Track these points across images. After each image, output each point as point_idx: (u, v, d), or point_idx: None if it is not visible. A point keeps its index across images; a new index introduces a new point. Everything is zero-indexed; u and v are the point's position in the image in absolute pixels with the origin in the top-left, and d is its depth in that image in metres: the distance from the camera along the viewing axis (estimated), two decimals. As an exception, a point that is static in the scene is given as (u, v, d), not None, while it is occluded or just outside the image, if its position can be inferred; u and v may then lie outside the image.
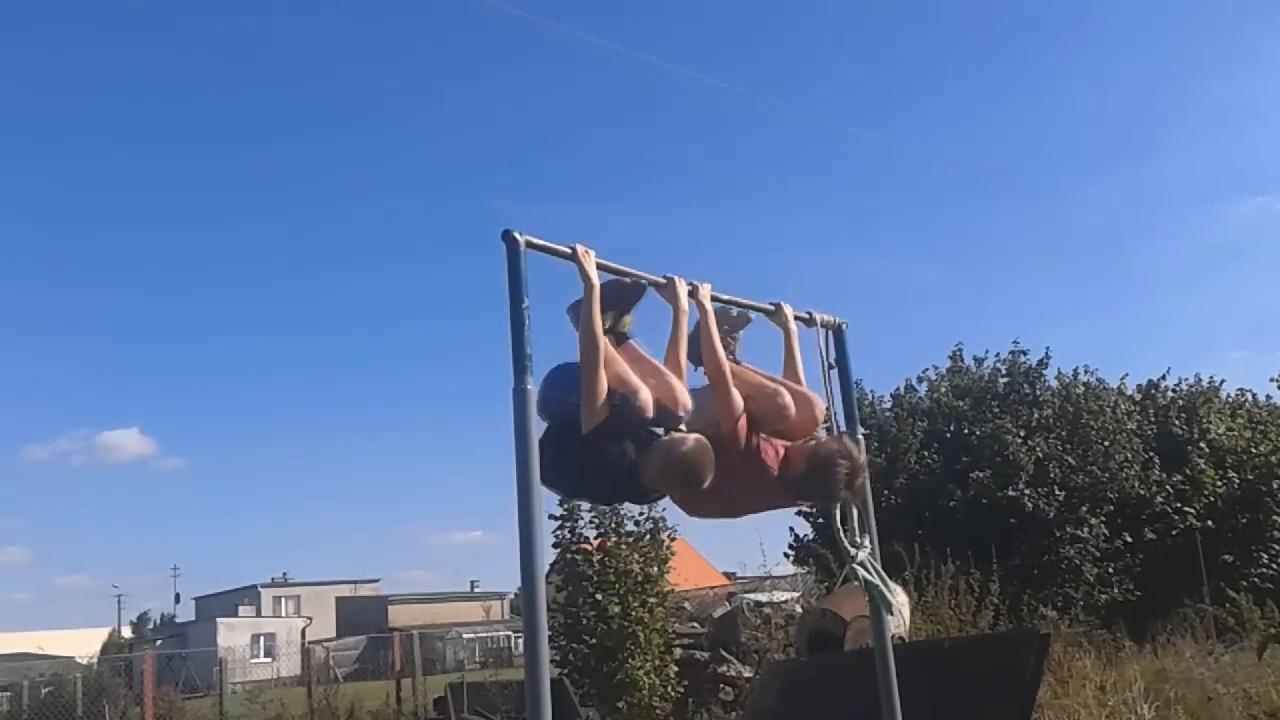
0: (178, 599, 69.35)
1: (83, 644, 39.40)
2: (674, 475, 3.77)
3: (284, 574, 64.04)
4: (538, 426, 3.60)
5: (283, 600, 60.70)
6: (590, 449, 3.71)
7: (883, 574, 4.33)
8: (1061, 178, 71.16)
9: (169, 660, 29.08)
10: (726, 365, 4.10)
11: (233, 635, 45.69)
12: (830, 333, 4.67)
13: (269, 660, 40.51)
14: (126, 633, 59.99)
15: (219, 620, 51.17)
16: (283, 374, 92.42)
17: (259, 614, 56.93)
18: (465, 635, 41.42)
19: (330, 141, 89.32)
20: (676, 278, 4.15)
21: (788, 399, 4.14)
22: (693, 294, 4.18)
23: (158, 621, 67.52)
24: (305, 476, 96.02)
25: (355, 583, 62.29)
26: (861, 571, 4.16)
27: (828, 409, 4.57)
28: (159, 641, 52.07)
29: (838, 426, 4.62)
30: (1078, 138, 75.29)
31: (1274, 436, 19.23)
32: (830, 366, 4.62)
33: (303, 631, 45.37)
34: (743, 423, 4.00)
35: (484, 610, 35.70)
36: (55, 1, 78.08)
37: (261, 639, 47.37)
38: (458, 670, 29.86)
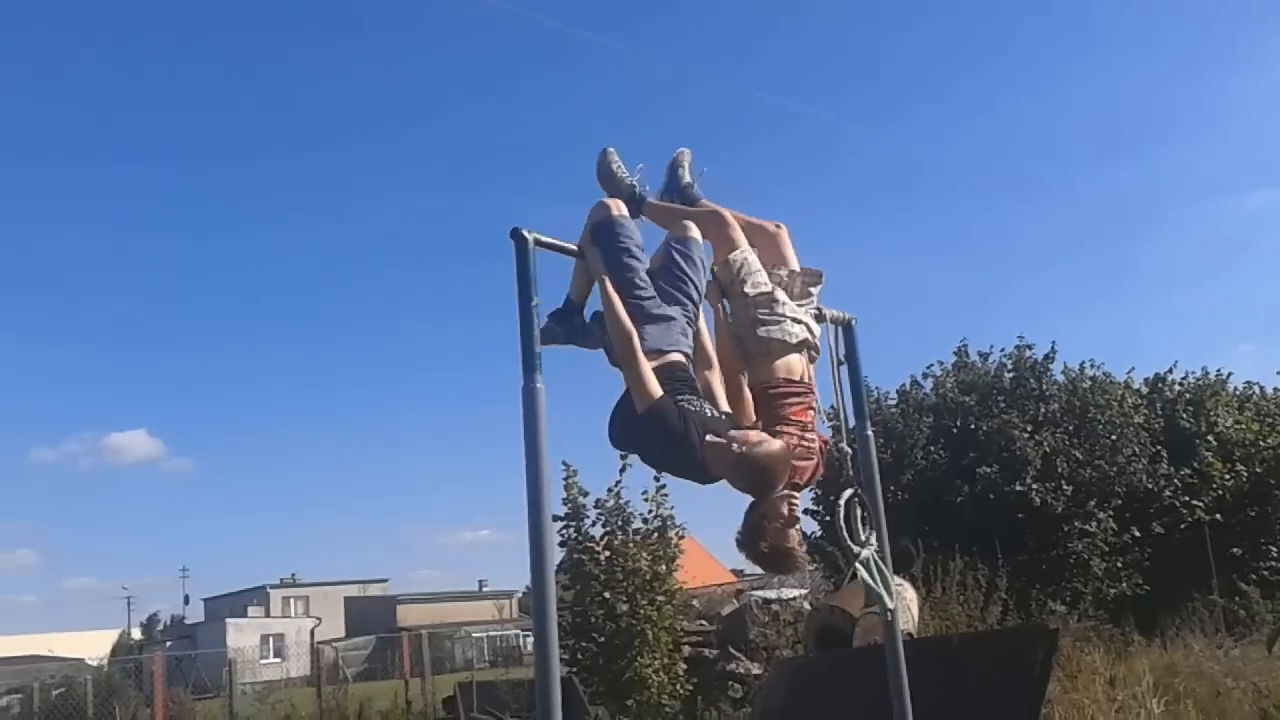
0: (187, 600, 69.46)
1: (92, 646, 39.56)
2: (747, 473, 3.49)
3: (293, 574, 64.27)
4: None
5: (291, 601, 60.81)
6: (649, 425, 3.48)
7: (885, 572, 4.24)
8: (1068, 173, 71.07)
9: (179, 661, 29.07)
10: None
11: (242, 636, 45.72)
12: (840, 328, 4.64)
13: (278, 661, 40.61)
14: (136, 634, 60.01)
15: (228, 621, 51.24)
16: (291, 375, 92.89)
17: (268, 614, 57.06)
18: (474, 634, 41.43)
19: (336, 148, 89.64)
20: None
21: None
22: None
23: (167, 623, 67.60)
24: (313, 477, 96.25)
25: (364, 583, 62.35)
26: (862, 572, 4.08)
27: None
28: (168, 643, 52.12)
29: (846, 424, 4.60)
30: (1084, 134, 75.24)
31: (1282, 429, 19.14)
32: (840, 362, 4.58)
33: (312, 632, 45.40)
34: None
35: (496, 610, 35.67)
36: (66, 10, 78.36)
37: (271, 639, 47.39)
38: (467, 669, 29.92)
